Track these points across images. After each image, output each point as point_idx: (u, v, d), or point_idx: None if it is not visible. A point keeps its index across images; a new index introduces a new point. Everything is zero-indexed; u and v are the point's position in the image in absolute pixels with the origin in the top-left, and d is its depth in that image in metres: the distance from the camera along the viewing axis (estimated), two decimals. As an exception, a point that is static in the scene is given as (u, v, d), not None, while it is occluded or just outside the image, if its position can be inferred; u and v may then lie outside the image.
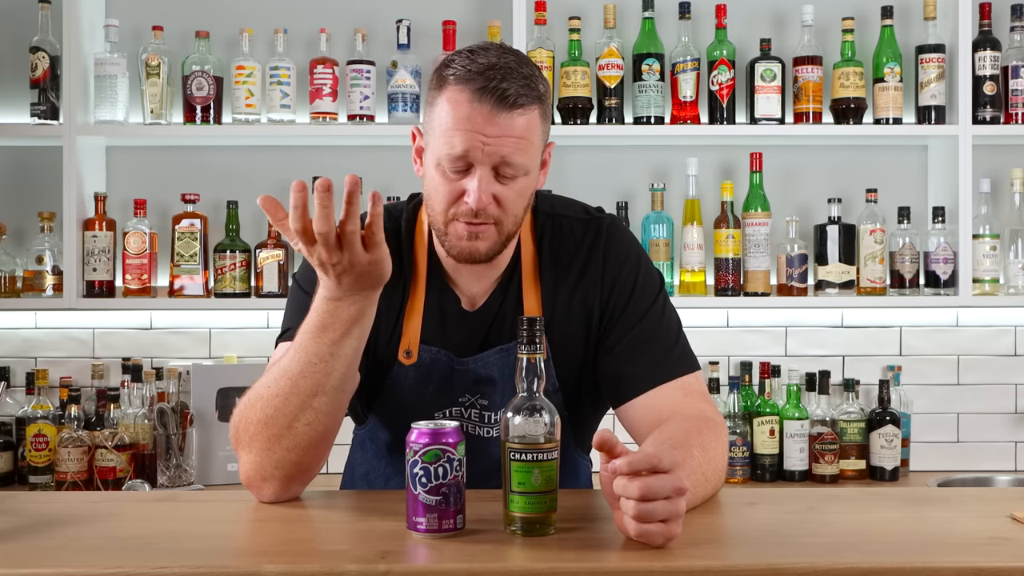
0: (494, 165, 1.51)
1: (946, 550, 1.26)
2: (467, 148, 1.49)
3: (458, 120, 1.50)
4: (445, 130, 1.51)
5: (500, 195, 1.53)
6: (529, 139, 1.52)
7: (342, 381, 1.45)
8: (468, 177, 1.52)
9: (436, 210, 1.56)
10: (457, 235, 1.55)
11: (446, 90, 1.52)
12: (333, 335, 1.42)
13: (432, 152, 1.54)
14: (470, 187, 1.51)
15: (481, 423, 1.66)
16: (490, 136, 1.49)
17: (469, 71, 1.50)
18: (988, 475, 3.13)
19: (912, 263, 3.03)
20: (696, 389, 1.62)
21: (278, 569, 1.17)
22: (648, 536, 1.21)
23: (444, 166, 1.52)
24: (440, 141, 1.52)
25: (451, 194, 1.53)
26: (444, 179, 1.53)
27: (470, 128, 1.49)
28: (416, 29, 3.11)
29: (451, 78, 1.52)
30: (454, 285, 1.67)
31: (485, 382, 1.65)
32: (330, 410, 1.46)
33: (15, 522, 1.37)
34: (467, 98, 1.49)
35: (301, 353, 1.44)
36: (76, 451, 2.89)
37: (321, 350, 1.42)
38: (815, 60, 3.05)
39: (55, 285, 3.02)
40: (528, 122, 1.52)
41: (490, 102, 1.48)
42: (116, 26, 3.07)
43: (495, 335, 1.65)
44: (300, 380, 1.43)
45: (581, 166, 3.19)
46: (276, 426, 1.45)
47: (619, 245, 1.68)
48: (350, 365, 1.45)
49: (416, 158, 1.63)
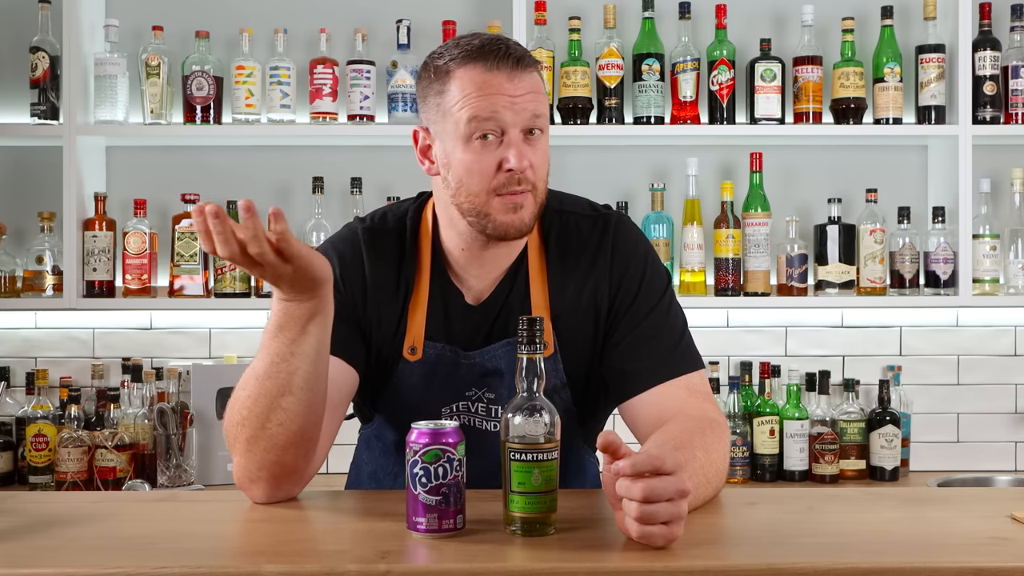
0: (524, 126, 1.54)
1: (946, 550, 1.26)
2: (495, 110, 1.52)
3: (480, 87, 1.53)
4: (469, 103, 1.53)
5: (532, 159, 1.55)
6: (543, 95, 1.58)
7: (308, 380, 1.44)
8: (501, 146, 1.54)
9: (475, 190, 1.56)
10: (501, 210, 1.55)
11: (453, 74, 1.54)
12: (291, 334, 1.41)
13: (456, 134, 1.55)
14: (508, 153, 1.53)
15: (488, 417, 1.66)
16: (516, 96, 1.53)
17: (470, 50, 1.55)
18: (988, 475, 3.13)
19: (912, 263, 3.03)
20: (700, 389, 1.62)
21: (278, 569, 1.17)
22: (650, 538, 1.21)
23: (475, 141, 1.53)
24: (465, 115, 1.53)
25: (488, 168, 1.54)
26: (477, 156, 1.54)
27: (495, 92, 1.53)
28: (416, 29, 3.11)
29: (453, 63, 1.55)
30: (459, 280, 1.67)
31: (492, 375, 1.65)
32: (301, 409, 1.44)
33: (15, 522, 1.37)
34: (481, 69, 1.53)
35: (264, 353, 1.44)
36: (76, 451, 2.89)
37: (282, 349, 1.42)
38: (815, 60, 3.05)
39: (55, 285, 3.02)
40: (537, 81, 1.58)
41: (507, 66, 1.53)
42: (116, 26, 3.07)
43: (501, 328, 1.65)
44: (266, 381, 1.43)
45: (581, 166, 3.19)
46: (250, 427, 1.45)
47: (627, 241, 1.68)
48: (314, 363, 1.43)
49: (422, 158, 1.63)
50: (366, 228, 1.69)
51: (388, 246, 1.67)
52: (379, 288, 1.65)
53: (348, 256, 1.66)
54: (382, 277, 1.66)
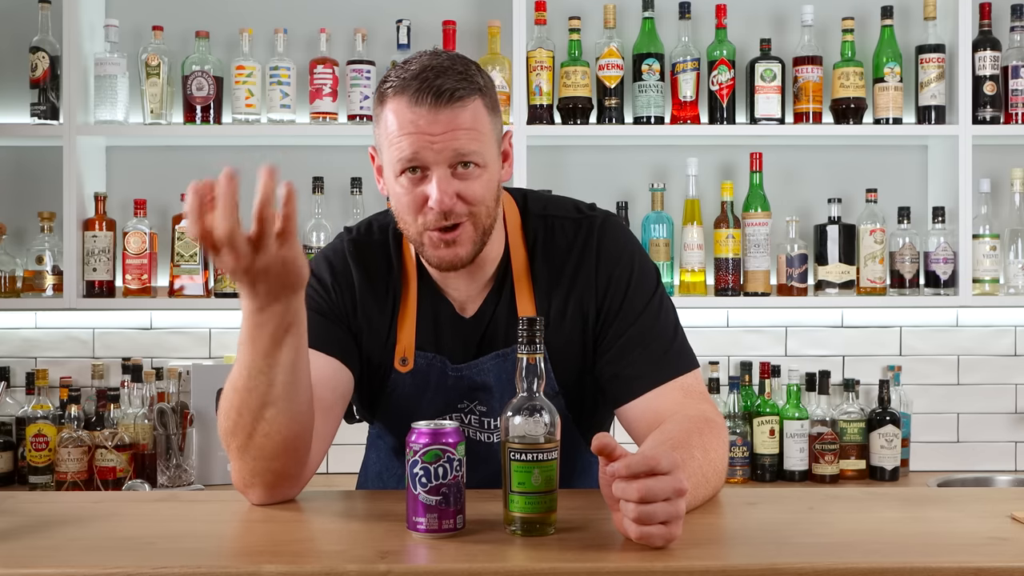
0: (450, 163, 1.50)
1: (946, 550, 1.26)
2: (416, 150, 1.49)
3: (402, 125, 1.50)
4: (394, 139, 1.51)
5: (463, 192, 1.51)
6: (478, 129, 1.52)
7: (288, 390, 1.41)
8: (426, 182, 1.51)
9: (407, 223, 1.55)
10: (433, 245, 1.54)
11: (386, 103, 1.52)
12: (263, 346, 1.38)
13: (388, 166, 1.54)
14: (430, 190, 1.50)
15: (481, 429, 1.66)
16: (436, 134, 1.49)
17: (403, 79, 1.51)
18: (988, 475, 3.13)
19: (912, 263, 3.03)
20: (696, 389, 1.61)
21: (278, 569, 1.17)
22: (648, 538, 1.21)
23: (401, 176, 1.52)
24: (391, 152, 1.52)
25: (415, 203, 1.52)
26: (405, 190, 1.52)
27: (415, 131, 1.49)
28: (416, 29, 3.11)
29: (389, 91, 1.52)
30: (445, 291, 1.66)
31: (481, 389, 1.64)
32: (285, 420, 1.42)
33: (15, 522, 1.37)
34: (406, 104, 1.49)
35: (240, 367, 1.41)
36: (76, 451, 2.89)
37: (257, 362, 1.39)
38: (815, 60, 3.05)
39: (55, 285, 3.02)
40: (473, 113, 1.51)
41: (428, 101, 1.48)
42: (116, 26, 3.07)
43: (489, 341, 1.64)
44: (245, 394, 1.41)
45: (581, 166, 3.19)
46: (238, 437, 1.44)
47: (613, 243, 1.65)
48: (292, 374, 1.40)
49: (378, 177, 1.62)
50: (351, 240, 1.68)
51: (374, 257, 1.67)
52: (368, 299, 1.65)
53: (338, 266, 1.66)
54: (370, 288, 1.65)
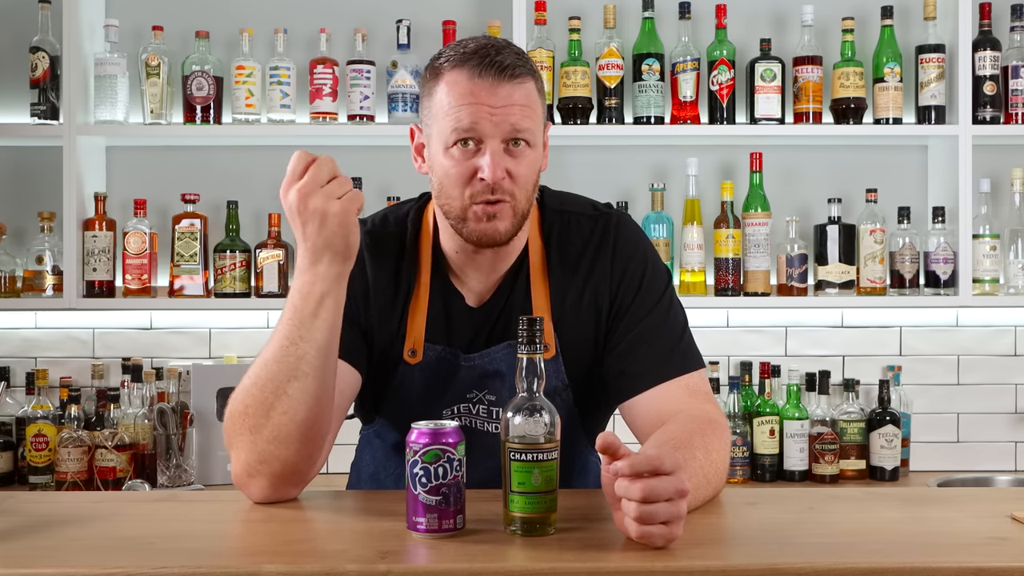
0: (504, 137, 1.53)
1: (946, 550, 1.26)
2: (475, 120, 1.52)
3: (462, 95, 1.52)
4: (450, 109, 1.53)
5: (512, 169, 1.54)
6: (532, 108, 1.55)
7: (316, 367, 1.44)
8: (479, 155, 1.53)
9: (452, 195, 1.56)
10: (476, 218, 1.55)
11: (443, 76, 1.55)
12: (303, 314, 1.44)
13: (439, 138, 1.55)
14: (483, 162, 1.52)
15: (489, 419, 1.67)
16: (496, 107, 1.52)
17: (463, 54, 1.54)
18: (988, 475, 3.13)
19: (912, 263, 3.03)
20: (700, 389, 1.62)
21: (278, 569, 1.17)
22: (649, 538, 1.21)
23: (453, 147, 1.53)
24: (446, 122, 1.53)
25: (464, 175, 1.54)
26: (455, 161, 1.54)
27: (475, 101, 1.52)
28: (416, 29, 3.11)
29: (446, 64, 1.55)
30: (459, 283, 1.67)
31: (492, 377, 1.65)
32: (306, 399, 1.44)
33: (15, 522, 1.37)
34: (467, 76, 1.52)
35: (274, 339, 1.46)
36: (76, 451, 2.89)
37: (291, 332, 1.44)
38: (815, 60, 3.05)
39: (55, 285, 3.02)
40: (528, 92, 1.55)
41: (491, 75, 1.52)
42: (116, 26, 3.07)
43: (501, 330, 1.65)
44: (273, 365, 1.44)
45: (581, 166, 3.19)
46: (255, 415, 1.45)
47: (627, 241, 1.68)
48: (321, 351, 1.44)
49: (416, 156, 1.64)
50: (367, 232, 1.69)
51: (389, 249, 1.68)
52: (380, 291, 1.66)
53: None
54: (383, 280, 1.66)
